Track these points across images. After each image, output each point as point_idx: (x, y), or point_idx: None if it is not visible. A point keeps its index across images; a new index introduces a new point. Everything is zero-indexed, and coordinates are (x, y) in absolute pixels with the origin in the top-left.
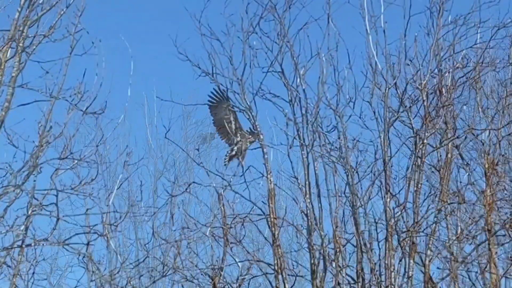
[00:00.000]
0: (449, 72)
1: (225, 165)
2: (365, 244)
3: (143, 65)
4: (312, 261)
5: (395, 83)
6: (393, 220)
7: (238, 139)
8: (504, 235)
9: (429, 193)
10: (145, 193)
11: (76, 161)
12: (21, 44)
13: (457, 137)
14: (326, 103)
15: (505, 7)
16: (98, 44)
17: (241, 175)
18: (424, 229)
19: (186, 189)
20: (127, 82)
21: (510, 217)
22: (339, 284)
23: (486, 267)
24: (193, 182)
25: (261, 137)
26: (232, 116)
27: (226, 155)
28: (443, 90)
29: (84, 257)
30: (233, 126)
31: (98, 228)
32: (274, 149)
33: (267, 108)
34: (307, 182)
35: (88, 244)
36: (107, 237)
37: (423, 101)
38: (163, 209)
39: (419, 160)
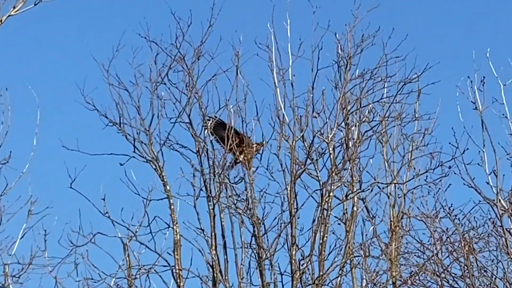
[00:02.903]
0: (355, 126)
1: (228, 171)
2: None
3: (49, 114)
4: None
5: (302, 136)
6: (298, 273)
7: (243, 147)
8: None
9: (335, 245)
10: (50, 242)
11: None
12: None
13: (363, 190)
14: None
15: (411, 62)
16: (4, 93)
17: (147, 226)
18: (330, 282)
19: (90, 240)
20: (33, 131)
21: (411, 273)
22: None
23: None
24: (98, 232)
25: (266, 144)
26: (233, 131)
27: (230, 163)
28: (350, 143)
29: None
30: (237, 139)
31: (0, 280)
32: (181, 200)
33: (174, 159)
34: (213, 234)
35: None
36: None
37: (330, 154)
38: (67, 259)
39: (325, 212)
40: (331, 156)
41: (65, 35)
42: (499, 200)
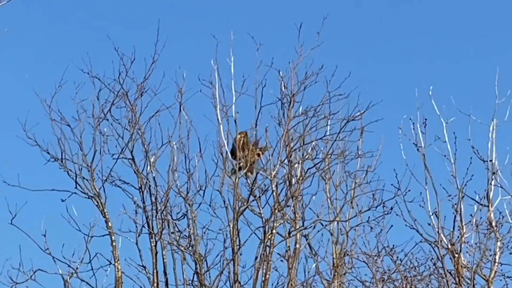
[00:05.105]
0: (299, 163)
1: (230, 176)
2: None
3: None
4: None
5: (245, 173)
6: None
7: (245, 153)
8: None
9: (277, 283)
10: None
11: None
12: None
13: (306, 228)
14: (176, 190)
15: (354, 100)
16: None
17: (88, 262)
18: None
19: (31, 276)
20: None
21: None
22: None
23: None
24: (39, 269)
25: (269, 149)
26: (239, 141)
27: (232, 168)
28: (293, 180)
29: None
30: (240, 146)
31: None
32: (123, 236)
33: (116, 195)
34: (155, 271)
35: None
36: None
37: (273, 190)
38: None
39: (268, 249)
40: (274, 193)
41: (7, 70)
42: (440, 241)
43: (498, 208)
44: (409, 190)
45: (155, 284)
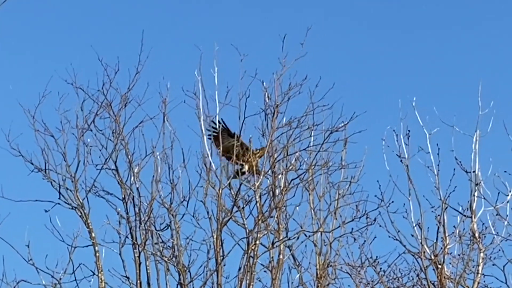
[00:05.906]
0: (282, 174)
1: (233, 178)
2: None
3: None
4: None
5: (229, 183)
6: None
7: (247, 157)
8: None
9: None
10: None
11: None
12: None
13: (289, 238)
14: (160, 201)
15: (338, 111)
16: None
17: (72, 273)
18: None
19: (14, 287)
20: None
21: None
22: None
23: None
24: (22, 280)
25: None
26: (235, 140)
27: (236, 172)
28: (277, 191)
29: None
30: (239, 149)
31: None
32: (106, 247)
33: (100, 206)
34: (138, 281)
35: None
36: None
37: (257, 201)
38: None
39: (251, 260)
40: (258, 204)
41: None
42: (424, 253)
43: (481, 219)
44: (393, 201)
45: None
